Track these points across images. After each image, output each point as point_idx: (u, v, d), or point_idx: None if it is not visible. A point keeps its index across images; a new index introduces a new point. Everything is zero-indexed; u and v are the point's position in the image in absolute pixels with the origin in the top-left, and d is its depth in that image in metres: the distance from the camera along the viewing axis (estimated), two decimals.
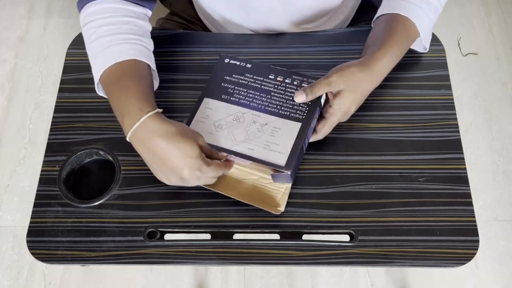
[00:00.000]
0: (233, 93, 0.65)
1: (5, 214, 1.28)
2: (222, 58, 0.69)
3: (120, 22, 0.63)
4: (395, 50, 0.64)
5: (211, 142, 0.61)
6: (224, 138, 0.61)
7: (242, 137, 0.61)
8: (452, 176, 0.64)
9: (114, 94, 0.59)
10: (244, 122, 0.62)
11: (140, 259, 0.60)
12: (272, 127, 0.61)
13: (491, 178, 1.30)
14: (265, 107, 0.63)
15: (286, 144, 0.60)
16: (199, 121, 0.63)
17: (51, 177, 0.65)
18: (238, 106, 0.63)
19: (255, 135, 0.61)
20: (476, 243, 0.60)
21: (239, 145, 0.60)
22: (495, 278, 1.18)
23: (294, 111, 0.62)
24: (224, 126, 0.62)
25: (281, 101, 0.63)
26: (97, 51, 0.61)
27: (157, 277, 1.20)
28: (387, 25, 0.66)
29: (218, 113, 0.63)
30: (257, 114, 0.63)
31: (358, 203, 0.62)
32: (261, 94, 0.64)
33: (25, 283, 1.20)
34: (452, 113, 0.68)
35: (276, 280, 1.19)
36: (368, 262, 0.59)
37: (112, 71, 0.60)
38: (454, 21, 1.54)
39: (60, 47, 1.54)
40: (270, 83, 0.65)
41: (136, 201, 0.63)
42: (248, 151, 0.60)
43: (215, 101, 0.64)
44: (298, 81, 0.65)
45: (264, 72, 0.66)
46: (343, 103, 0.60)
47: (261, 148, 0.60)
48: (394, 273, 1.19)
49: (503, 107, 1.41)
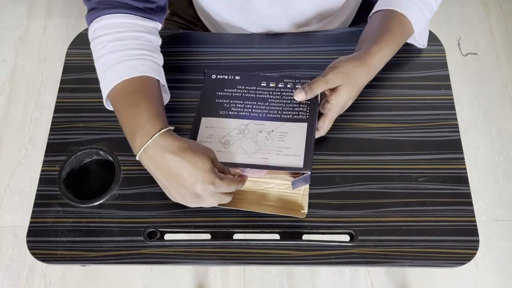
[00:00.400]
0: (229, 107, 0.64)
1: (5, 214, 1.28)
2: (208, 75, 0.67)
3: (130, 37, 0.61)
4: (390, 46, 0.65)
5: (222, 159, 0.59)
6: (235, 153, 0.60)
7: (252, 149, 0.60)
8: (452, 176, 0.64)
9: (124, 111, 0.58)
10: (250, 134, 0.61)
11: (140, 259, 0.60)
12: (279, 132, 0.61)
13: (491, 178, 1.30)
14: (266, 114, 0.63)
15: (298, 146, 0.60)
16: (204, 141, 0.61)
17: (51, 177, 0.65)
18: (239, 118, 0.63)
19: (264, 143, 0.60)
20: (476, 243, 0.60)
21: (252, 156, 0.59)
22: (495, 278, 1.18)
23: (296, 113, 0.62)
24: (231, 142, 0.61)
25: (280, 105, 0.63)
26: (106, 67, 0.60)
27: (157, 277, 1.20)
28: (383, 21, 0.66)
29: (221, 129, 0.62)
30: (260, 123, 0.62)
31: (358, 203, 0.62)
32: (258, 103, 0.64)
33: (25, 283, 1.20)
34: (452, 113, 0.68)
35: (276, 280, 1.19)
36: (368, 262, 0.59)
37: (122, 87, 0.59)
38: (454, 21, 1.54)
39: (60, 47, 1.54)
40: (265, 91, 0.65)
41: (136, 201, 0.63)
42: (262, 160, 0.59)
43: (214, 119, 0.63)
44: (291, 83, 0.65)
45: (254, 81, 0.66)
46: (341, 97, 0.61)
47: (274, 155, 0.59)
48: (394, 273, 1.19)
49: (503, 107, 1.41)
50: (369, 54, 0.63)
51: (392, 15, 0.66)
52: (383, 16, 0.67)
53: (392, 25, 0.65)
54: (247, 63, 0.73)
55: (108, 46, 0.61)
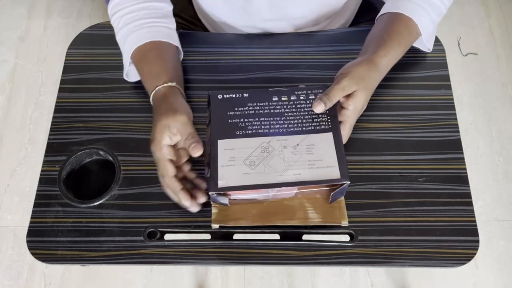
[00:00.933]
0: (246, 126, 0.60)
1: (5, 214, 1.28)
2: (213, 96, 0.63)
3: (138, 8, 0.67)
4: (396, 49, 0.65)
5: (252, 182, 0.55)
6: (264, 173, 0.56)
7: (282, 166, 0.56)
8: (452, 176, 0.64)
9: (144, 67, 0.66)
10: (275, 151, 0.57)
11: (140, 259, 0.60)
12: (305, 145, 0.58)
13: (491, 178, 1.30)
14: (286, 129, 0.59)
15: (329, 156, 0.56)
16: (227, 165, 0.56)
17: (51, 177, 0.65)
18: (259, 136, 0.59)
19: (293, 159, 0.57)
20: (476, 243, 0.60)
21: (283, 175, 0.56)
22: (495, 278, 1.18)
23: (317, 124, 0.59)
24: (256, 162, 0.57)
25: (299, 118, 0.60)
26: (123, 40, 0.67)
27: (157, 277, 1.20)
28: (390, 24, 0.66)
29: (242, 150, 0.58)
30: (283, 138, 0.58)
31: (358, 203, 0.62)
32: (275, 118, 0.60)
33: (25, 283, 1.20)
34: (452, 113, 0.68)
35: (276, 280, 1.19)
36: (368, 262, 0.59)
37: (134, 55, 0.66)
38: (454, 21, 1.54)
39: (60, 47, 1.54)
40: (278, 105, 0.61)
41: (136, 201, 0.63)
42: (296, 177, 0.55)
43: (232, 140, 0.58)
44: (303, 95, 0.62)
45: (265, 96, 0.62)
46: (358, 102, 0.60)
47: (307, 170, 0.56)
48: (394, 273, 1.19)
49: (503, 107, 1.41)
50: (377, 57, 0.63)
51: (398, 18, 0.66)
52: (389, 19, 0.67)
53: (398, 28, 0.65)
54: (247, 63, 0.73)
55: (122, 20, 0.67)
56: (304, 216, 0.59)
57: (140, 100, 0.70)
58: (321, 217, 0.59)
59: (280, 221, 0.59)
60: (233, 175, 0.56)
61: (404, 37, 0.65)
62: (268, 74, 0.72)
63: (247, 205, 0.59)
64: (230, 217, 0.59)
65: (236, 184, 0.55)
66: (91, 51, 0.75)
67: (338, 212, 0.59)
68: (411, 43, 0.68)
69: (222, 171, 0.56)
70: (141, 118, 0.69)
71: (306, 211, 0.59)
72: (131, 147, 0.66)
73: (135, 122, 0.69)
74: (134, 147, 0.66)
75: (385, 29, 0.66)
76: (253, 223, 0.58)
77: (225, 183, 0.55)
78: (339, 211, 0.59)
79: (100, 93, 0.71)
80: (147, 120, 0.68)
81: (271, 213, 0.59)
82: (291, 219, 0.59)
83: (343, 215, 0.59)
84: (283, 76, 0.72)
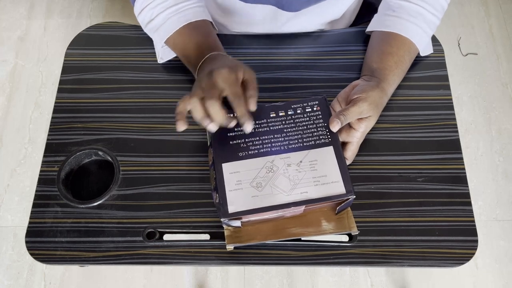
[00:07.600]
0: (247, 146, 0.59)
1: (5, 214, 1.29)
2: None
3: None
4: (400, 76, 0.68)
5: (261, 205, 0.55)
6: (271, 194, 0.55)
7: (288, 185, 0.56)
8: (451, 176, 0.64)
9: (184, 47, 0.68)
10: (279, 170, 0.57)
11: (139, 259, 0.60)
12: (308, 162, 0.57)
13: (491, 178, 1.30)
14: (287, 146, 0.59)
15: (333, 171, 0.56)
16: (235, 190, 0.56)
17: (50, 178, 0.65)
18: (262, 156, 0.58)
19: (298, 177, 0.56)
20: (475, 243, 0.60)
21: (291, 194, 0.55)
22: (494, 278, 1.19)
23: (317, 138, 0.59)
24: (263, 183, 0.56)
25: (299, 133, 0.59)
26: (161, 24, 0.68)
27: (157, 277, 1.20)
28: (391, 46, 0.67)
29: (248, 172, 0.57)
30: (285, 156, 0.58)
31: (357, 203, 0.62)
32: (275, 136, 0.59)
33: (25, 283, 1.20)
34: (451, 113, 0.68)
35: (276, 280, 1.19)
36: (367, 262, 0.59)
37: (168, 41, 0.69)
38: (454, 21, 1.54)
39: (60, 47, 1.54)
40: (277, 121, 0.61)
41: (135, 202, 0.63)
42: (303, 195, 0.55)
43: (235, 163, 0.58)
44: (300, 108, 0.62)
45: (262, 113, 0.61)
46: (369, 126, 0.62)
47: (313, 187, 0.55)
48: (394, 273, 1.19)
49: (503, 107, 1.41)
50: (387, 85, 0.65)
51: (398, 40, 0.67)
52: (389, 40, 0.68)
53: (403, 55, 0.67)
54: (247, 64, 0.73)
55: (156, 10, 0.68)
56: (315, 229, 0.59)
57: (140, 101, 0.70)
58: (331, 227, 0.59)
59: (292, 235, 0.59)
60: (242, 199, 0.55)
61: (406, 62, 0.68)
62: (268, 74, 0.72)
63: (259, 224, 0.59)
64: (243, 238, 0.59)
65: (246, 208, 0.55)
66: (90, 51, 0.75)
67: (346, 221, 0.59)
68: (412, 61, 0.70)
69: (231, 196, 0.55)
70: (141, 118, 0.69)
71: (316, 223, 0.59)
72: (130, 147, 0.66)
73: (135, 123, 0.69)
74: (133, 148, 0.66)
75: (389, 54, 0.67)
76: (266, 239, 0.58)
77: (235, 208, 0.55)
78: (348, 220, 0.59)
79: (99, 93, 0.71)
80: (147, 121, 0.68)
81: (282, 229, 0.59)
82: (302, 233, 0.59)
83: (352, 223, 0.59)
84: (283, 76, 0.72)
